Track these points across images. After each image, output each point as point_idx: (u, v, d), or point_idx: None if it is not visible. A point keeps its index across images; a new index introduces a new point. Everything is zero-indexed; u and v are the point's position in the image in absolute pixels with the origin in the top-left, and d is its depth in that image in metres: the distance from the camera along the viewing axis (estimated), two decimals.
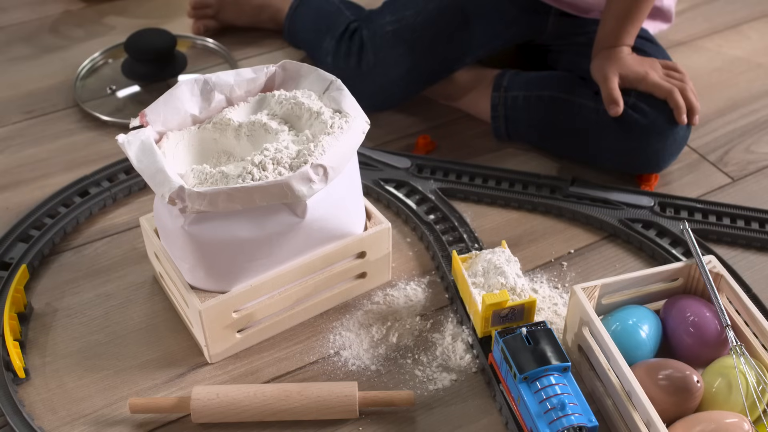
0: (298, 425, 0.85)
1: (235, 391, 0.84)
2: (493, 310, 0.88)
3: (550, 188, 1.12)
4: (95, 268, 1.02)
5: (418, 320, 0.96)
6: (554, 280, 1.01)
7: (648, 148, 1.11)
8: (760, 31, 1.50)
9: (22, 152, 1.21)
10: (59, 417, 0.86)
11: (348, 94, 0.89)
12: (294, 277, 0.90)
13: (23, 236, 1.04)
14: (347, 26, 1.26)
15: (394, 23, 1.21)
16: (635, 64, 1.11)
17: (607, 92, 1.09)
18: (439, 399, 0.87)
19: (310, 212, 0.86)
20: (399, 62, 1.20)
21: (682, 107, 1.09)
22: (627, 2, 1.10)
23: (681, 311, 0.87)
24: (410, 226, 1.08)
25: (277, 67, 0.94)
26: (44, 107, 1.30)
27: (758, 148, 1.23)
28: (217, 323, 0.87)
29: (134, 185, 1.12)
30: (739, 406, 0.79)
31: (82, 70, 1.37)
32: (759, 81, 1.37)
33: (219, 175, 0.82)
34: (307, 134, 0.86)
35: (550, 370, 0.79)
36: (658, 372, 0.80)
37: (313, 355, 0.92)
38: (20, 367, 0.88)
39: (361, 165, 1.00)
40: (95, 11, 1.55)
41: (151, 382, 0.89)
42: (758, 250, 1.06)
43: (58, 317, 0.96)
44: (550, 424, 0.76)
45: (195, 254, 0.84)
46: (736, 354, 0.81)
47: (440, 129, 1.26)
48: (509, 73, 1.22)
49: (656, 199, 1.10)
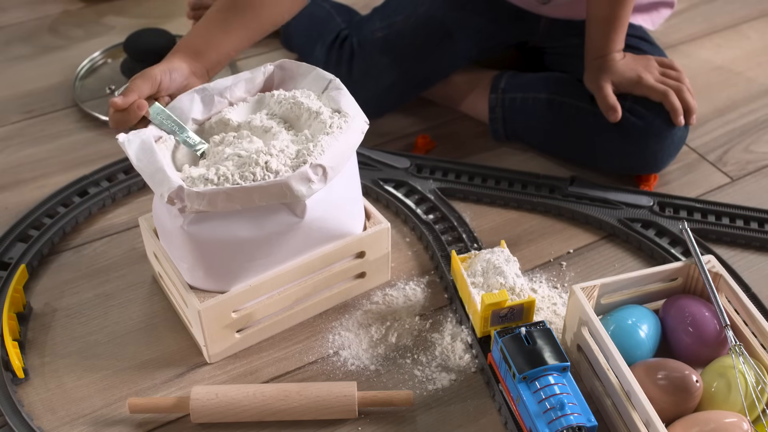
0: (298, 425, 0.85)
1: (234, 391, 0.84)
2: (492, 309, 0.88)
3: (549, 188, 1.12)
4: (94, 268, 1.02)
5: (418, 320, 0.96)
6: (553, 279, 1.01)
7: (646, 150, 1.11)
8: (759, 31, 1.51)
9: (21, 152, 1.21)
10: (58, 417, 0.86)
11: (347, 93, 0.89)
12: (293, 277, 0.90)
13: (22, 236, 1.04)
14: (338, 34, 1.26)
15: (384, 29, 1.21)
16: (627, 70, 1.11)
17: (603, 100, 1.09)
18: (438, 399, 0.87)
19: (310, 212, 0.86)
20: (390, 69, 1.19)
21: (678, 109, 1.09)
22: (607, 10, 1.09)
23: (680, 311, 0.87)
24: (409, 226, 1.08)
25: (275, 66, 0.94)
26: (43, 107, 1.30)
27: (757, 147, 1.23)
28: (216, 323, 0.87)
29: (133, 185, 1.12)
30: (738, 405, 0.79)
31: (81, 70, 1.37)
32: (758, 81, 1.37)
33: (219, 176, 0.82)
34: (306, 134, 0.86)
35: (549, 369, 0.79)
36: (657, 372, 0.80)
37: (312, 355, 0.92)
38: (19, 367, 0.88)
39: (360, 165, 1.00)
40: (94, 11, 1.55)
41: (150, 382, 0.89)
42: (757, 250, 1.06)
43: (57, 317, 0.96)
44: (549, 423, 0.76)
45: (194, 254, 0.84)
46: (735, 354, 0.81)
47: (439, 129, 1.26)
48: (506, 75, 1.22)
49: (655, 199, 1.10)
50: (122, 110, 0.86)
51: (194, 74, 0.93)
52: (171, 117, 0.88)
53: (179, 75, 0.91)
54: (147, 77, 0.88)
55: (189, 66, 0.92)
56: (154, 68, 0.89)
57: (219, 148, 0.86)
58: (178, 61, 0.92)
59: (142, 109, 0.86)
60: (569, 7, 1.20)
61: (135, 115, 0.86)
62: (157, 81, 0.88)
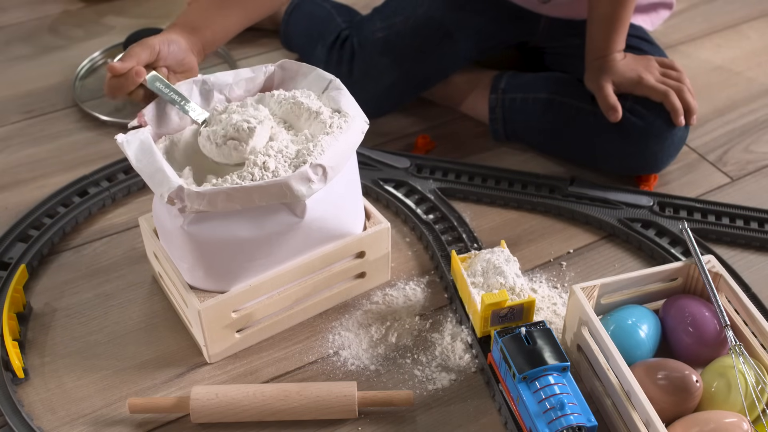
0: (298, 425, 0.85)
1: (234, 391, 0.84)
2: (492, 309, 0.88)
3: (549, 188, 1.12)
4: (94, 268, 1.02)
5: (417, 320, 0.96)
6: (553, 279, 1.01)
7: (646, 150, 1.11)
8: (759, 31, 1.51)
9: (21, 152, 1.21)
10: (58, 417, 0.85)
11: (347, 93, 0.89)
12: (293, 276, 0.90)
13: (22, 236, 1.04)
14: (338, 34, 1.26)
15: (384, 29, 1.21)
16: (627, 70, 1.11)
17: (603, 100, 1.09)
18: (438, 399, 0.87)
19: (310, 212, 0.85)
20: (390, 69, 1.19)
21: (678, 109, 1.09)
22: (608, 10, 1.09)
23: (680, 311, 0.87)
24: (409, 226, 1.08)
25: (276, 66, 0.94)
26: (43, 107, 1.30)
27: (757, 147, 1.23)
28: (216, 323, 0.87)
29: (133, 185, 1.12)
30: (738, 405, 0.79)
31: (81, 69, 1.37)
32: (758, 81, 1.37)
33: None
34: (306, 134, 0.86)
35: (549, 369, 0.79)
36: (657, 372, 0.80)
37: (312, 354, 0.92)
38: (19, 367, 0.88)
39: (360, 165, 1.00)
40: (94, 11, 1.56)
41: (150, 382, 0.89)
42: (757, 250, 1.06)
43: (57, 317, 0.96)
44: (549, 423, 0.76)
45: (194, 254, 0.84)
46: (735, 354, 0.81)
47: (439, 129, 1.26)
48: (507, 75, 1.22)
49: (655, 199, 1.10)
50: (119, 76, 0.85)
51: (191, 50, 0.92)
52: (170, 85, 0.86)
53: (177, 48, 0.90)
54: (146, 45, 0.87)
55: (186, 41, 0.92)
56: (153, 38, 0.88)
57: (223, 116, 0.86)
58: (175, 35, 0.91)
59: (140, 75, 0.85)
60: (569, 6, 1.20)
61: (132, 81, 0.85)
62: (155, 50, 0.87)
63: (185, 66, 0.92)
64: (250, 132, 0.83)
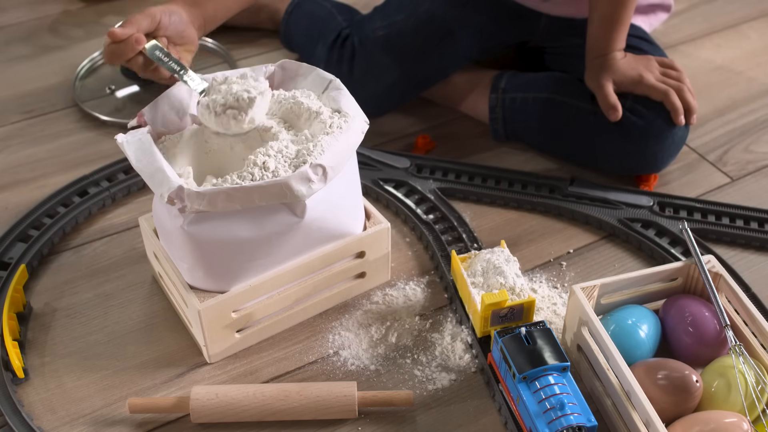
0: (298, 425, 0.85)
1: (234, 391, 0.84)
2: (492, 309, 0.88)
3: (549, 188, 1.12)
4: (94, 268, 1.02)
5: (417, 320, 0.96)
6: (553, 279, 1.01)
7: (646, 150, 1.11)
8: (759, 31, 1.51)
9: (21, 152, 1.21)
10: (58, 417, 0.85)
11: (347, 93, 0.89)
12: (293, 276, 0.90)
13: (22, 236, 1.04)
14: (339, 33, 1.26)
15: (384, 28, 1.21)
16: (628, 69, 1.11)
17: (603, 99, 1.09)
18: (438, 399, 0.87)
19: (310, 212, 0.85)
20: (390, 68, 1.20)
21: (678, 109, 1.09)
22: (609, 9, 1.09)
23: (680, 311, 0.87)
24: (409, 226, 1.08)
25: (276, 66, 0.94)
26: (43, 107, 1.30)
27: (757, 147, 1.23)
28: (216, 323, 0.87)
29: (133, 185, 1.12)
30: (738, 405, 0.79)
31: (81, 69, 1.37)
32: (758, 81, 1.37)
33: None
34: (306, 134, 0.86)
35: (549, 369, 0.79)
36: (657, 372, 0.80)
37: (312, 355, 0.92)
38: (19, 367, 0.88)
39: (360, 165, 1.00)
40: (94, 11, 1.55)
41: (150, 382, 0.89)
42: (757, 250, 1.06)
43: (57, 317, 0.96)
44: (549, 423, 0.76)
45: (194, 254, 0.84)
46: (735, 354, 0.81)
47: (439, 129, 1.26)
48: (507, 75, 1.22)
49: (655, 199, 1.10)
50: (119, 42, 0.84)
51: (192, 23, 0.91)
52: (169, 54, 0.86)
53: (178, 19, 0.89)
54: (147, 14, 0.86)
55: (188, 14, 0.91)
56: (155, 7, 0.88)
57: (223, 86, 0.86)
58: (177, 7, 0.90)
59: (140, 43, 0.84)
60: (570, 4, 1.20)
61: (132, 48, 0.84)
62: (156, 19, 0.87)
63: (185, 39, 0.90)
64: (250, 102, 0.83)
